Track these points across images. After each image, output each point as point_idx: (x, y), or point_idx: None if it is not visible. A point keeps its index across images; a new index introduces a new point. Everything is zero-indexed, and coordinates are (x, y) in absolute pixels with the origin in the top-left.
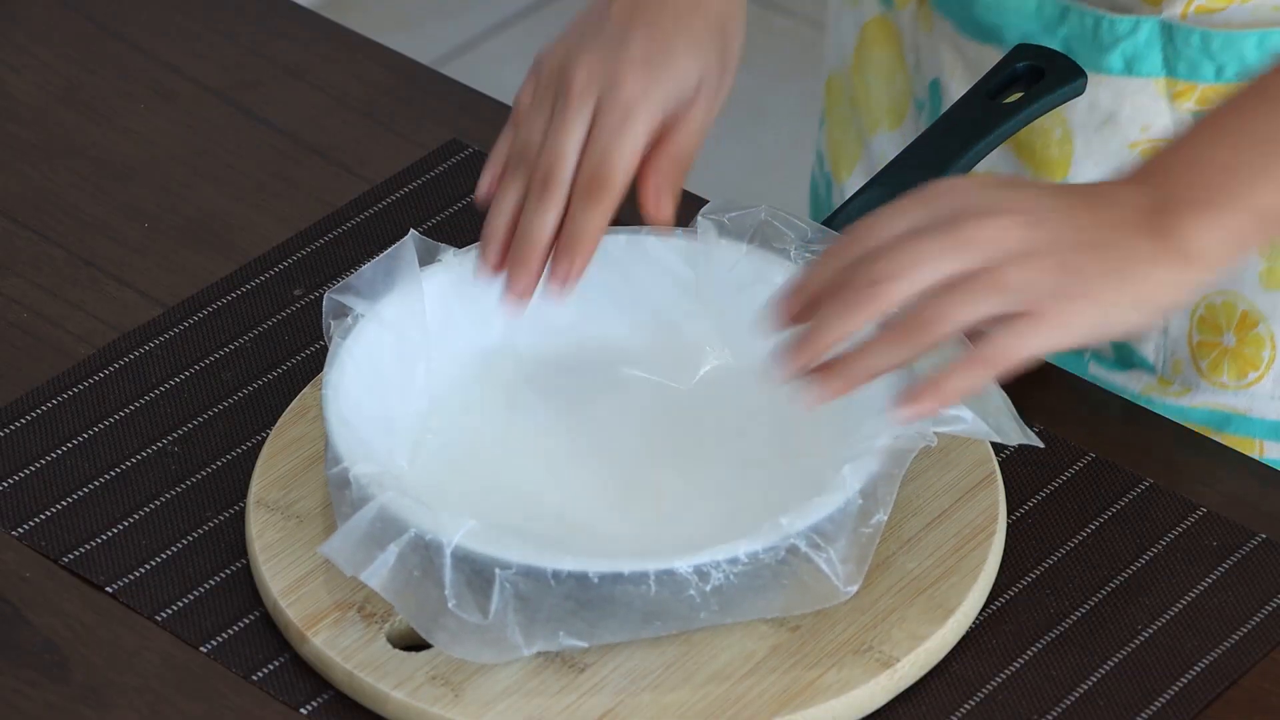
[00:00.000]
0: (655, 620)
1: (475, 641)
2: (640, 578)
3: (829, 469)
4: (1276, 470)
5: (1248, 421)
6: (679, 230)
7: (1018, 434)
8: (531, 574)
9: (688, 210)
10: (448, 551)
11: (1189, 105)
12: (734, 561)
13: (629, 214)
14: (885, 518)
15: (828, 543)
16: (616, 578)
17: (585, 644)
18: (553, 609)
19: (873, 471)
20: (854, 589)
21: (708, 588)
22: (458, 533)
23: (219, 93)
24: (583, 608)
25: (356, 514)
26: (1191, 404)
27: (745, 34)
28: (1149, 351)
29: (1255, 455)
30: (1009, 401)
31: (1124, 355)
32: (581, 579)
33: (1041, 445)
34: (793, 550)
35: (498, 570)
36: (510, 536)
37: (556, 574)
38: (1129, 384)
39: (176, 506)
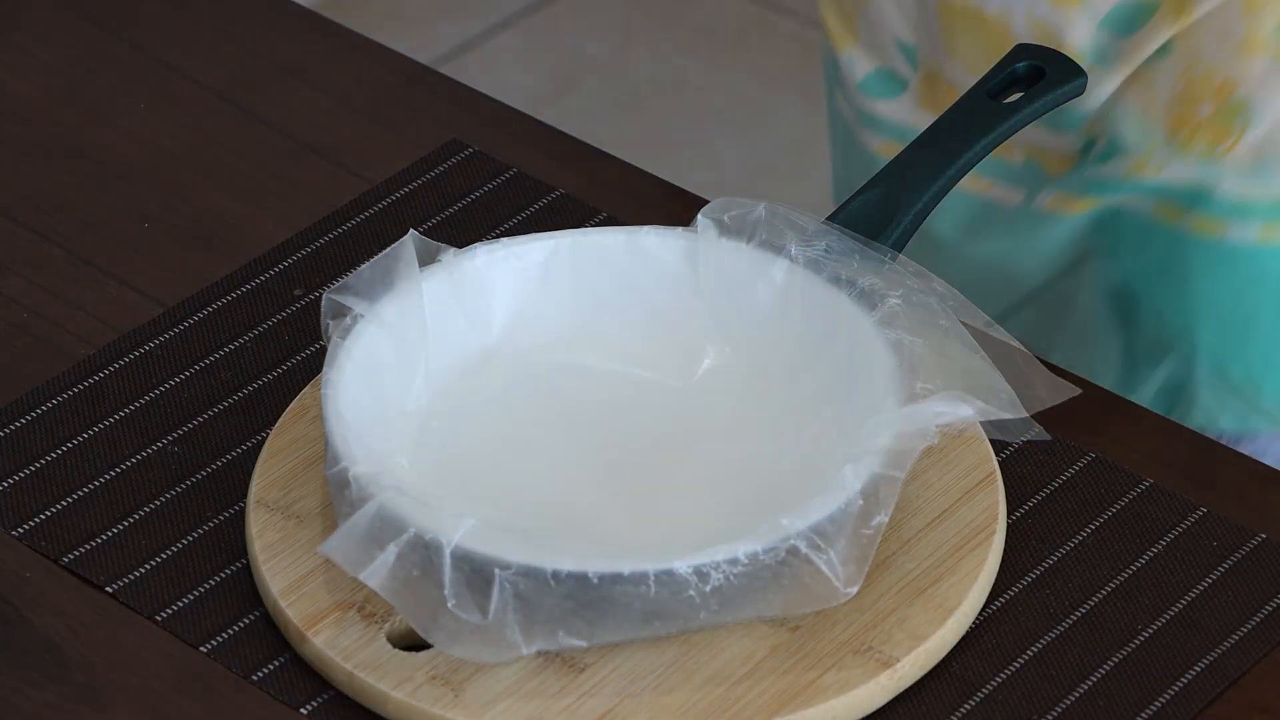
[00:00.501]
0: (655, 620)
1: (474, 641)
2: (640, 578)
3: (830, 469)
4: (1277, 470)
5: (1213, 202)
6: (679, 229)
7: (1044, 397)
8: (531, 574)
9: (688, 210)
10: (447, 551)
11: None
12: (734, 562)
13: (630, 213)
14: (886, 519)
15: (828, 544)
16: (616, 578)
17: (585, 643)
18: (552, 609)
19: (874, 472)
20: (854, 590)
21: (707, 588)
22: (457, 532)
23: (219, 93)
24: (582, 608)
25: (356, 513)
26: (1167, 179)
27: None
28: (1130, 130)
29: (1216, 238)
30: (1032, 360)
31: (1112, 146)
32: (581, 579)
33: (1078, 390)
34: (793, 551)
35: (497, 570)
36: (510, 536)
37: (556, 574)
38: (1109, 175)
39: (176, 506)
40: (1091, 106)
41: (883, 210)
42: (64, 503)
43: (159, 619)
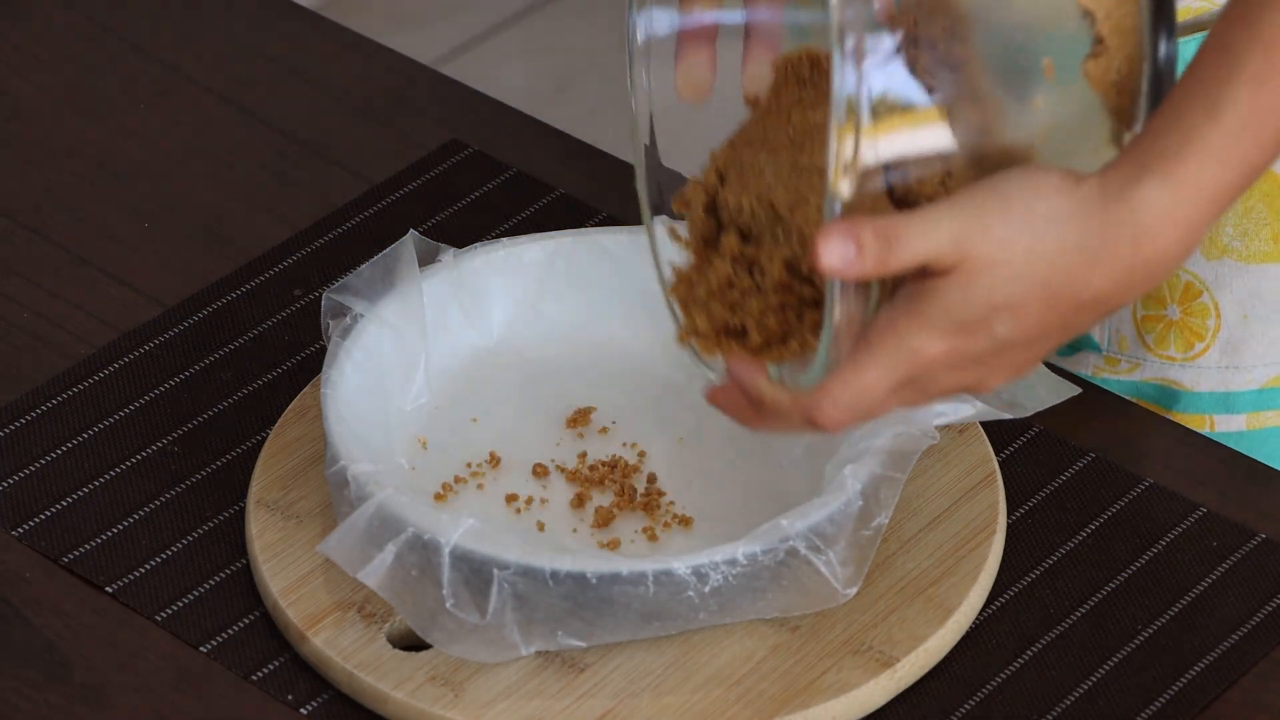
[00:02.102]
0: (654, 621)
1: (473, 641)
2: (639, 578)
3: (830, 470)
4: (1277, 470)
5: (1196, 397)
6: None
7: (1041, 398)
8: (529, 574)
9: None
10: (446, 551)
11: None
12: (732, 563)
13: (630, 214)
14: (886, 521)
15: (827, 545)
16: (615, 578)
17: (584, 644)
18: (551, 609)
19: (874, 473)
20: (853, 591)
21: (706, 589)
22: (456, 532)
23: (219, 93)
24: (581, 608)
25: (355, 512)
26: (1141, 378)
27: None
28: (1094, 331)
29: (1206, 431)
30: (1013, 392)
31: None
32: (579, 579)
33: (1079, 389)
34: (792, 552)
35: (495, 570)
36: (508, 536)
37: (555, 574)
38: (1077, 367)
39: (176, 506)
40: None
41: None
42: (64, 503)
43: (159, 619)
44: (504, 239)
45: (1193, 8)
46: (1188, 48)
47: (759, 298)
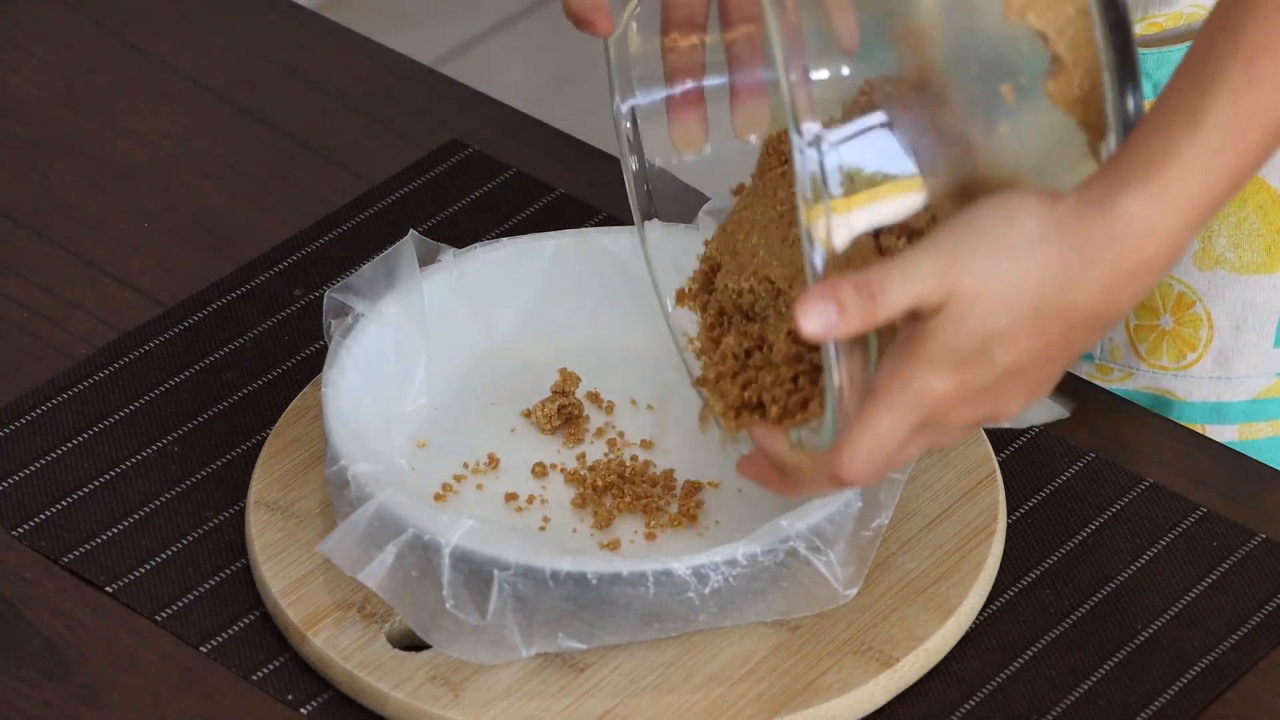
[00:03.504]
0: (654, 622)
1: (473, 642)
2: (639, 579)
3: None
4: (1277, 470)
5: (1188, 407)
6: (681, 225)
7: (1035, 415)
8: (530, 574)
9: (689, 207)
10: (446, 552)
11: None
12: (732, 563)
13: (629, 213)
14: (886, 521)
15: (827, 545)
16: (615, 578)
17: (584, 646)
18: (551, 610)
19: None
20: (853, 592)
21: (706, 590)
22: (456, 533)
23: (219, 93)
24: (581, 609)
25: (355, 513)
26: (1134, 388)
27: None
28: None
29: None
30: None
31: None
32: (580, 580)
33: (1067, 414)
34: (792, 553)
35: (496, 571)
36: (509, 536)
37: (555, 575)
38: (1070, 374)
39: (176, 506)
40: None
41: None
42: (64, 503)
43: (159, 619)
44: (504, 239)
45: (1184, 12)
46: (1175, 55)
47: (771, 371)
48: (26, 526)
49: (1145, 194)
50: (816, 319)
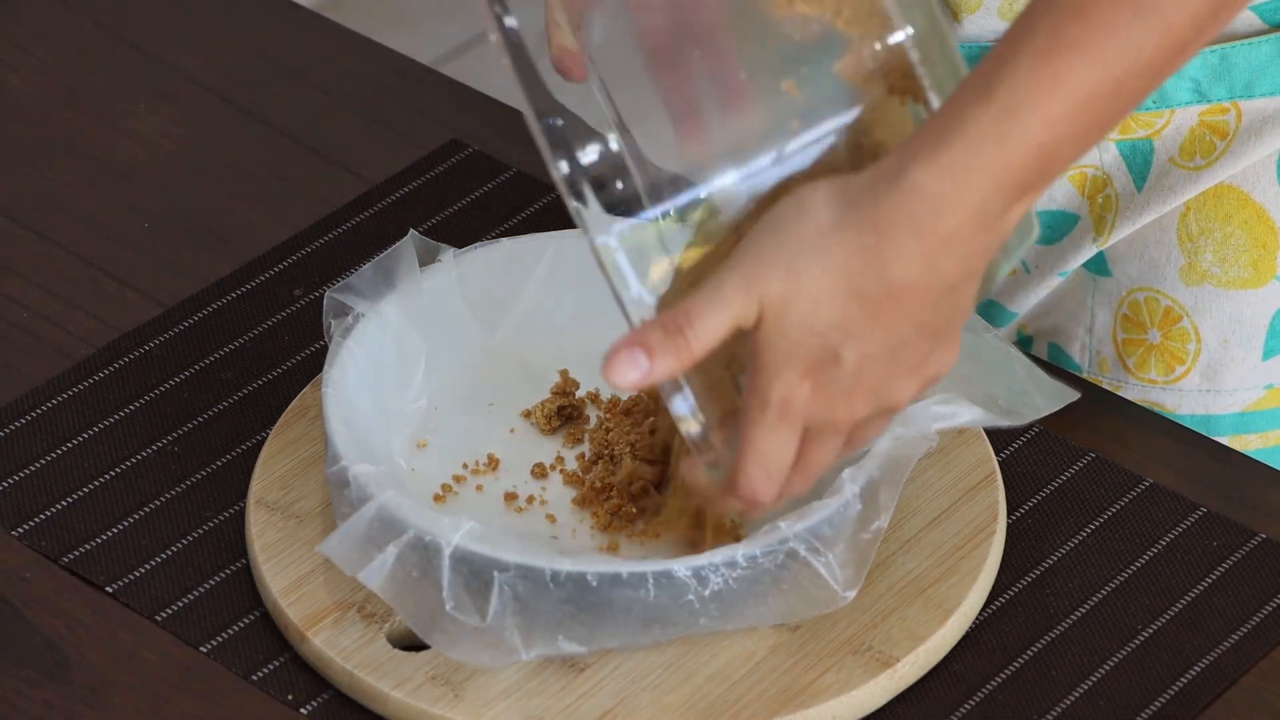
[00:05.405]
0: (655, 626)
1: (473, 645)
2: (639, 581)
3: (829, 473)
4: (1276, 470)
5: (1178, 420)
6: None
7: (1041, 405)
8: (529, 575)
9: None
10: (446, 553)
11: (1112, 135)
12: (732, 565)
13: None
14: (885, 525)
15: (826, 546)
16: (615, 580)
17: (585, 649)
18: (551, 613)
19: (872, 477)
20: (852, 594)
21: (706, 592)
22: (456, 534)
23: (219, 93)
24: (582, 611)
25: (356, 513)
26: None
27: None
28: (1075, 352)
29: None
30: (1033, 367)
31: (1052, 356)
32: (580, 581)
33: (1077, 395)
34: (791, 554)
35: (496, 572)
36: (509, 538)
37: (555, 576)
38: (1069, 374)
39: (176, 506)
40: (1025, 307)
41: None
42: (64, 503)
43: (159, 619)
44: (504, 239)
45: None
46: None
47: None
48: (26, 526)
49: (932, 166)
50: (627, 370)
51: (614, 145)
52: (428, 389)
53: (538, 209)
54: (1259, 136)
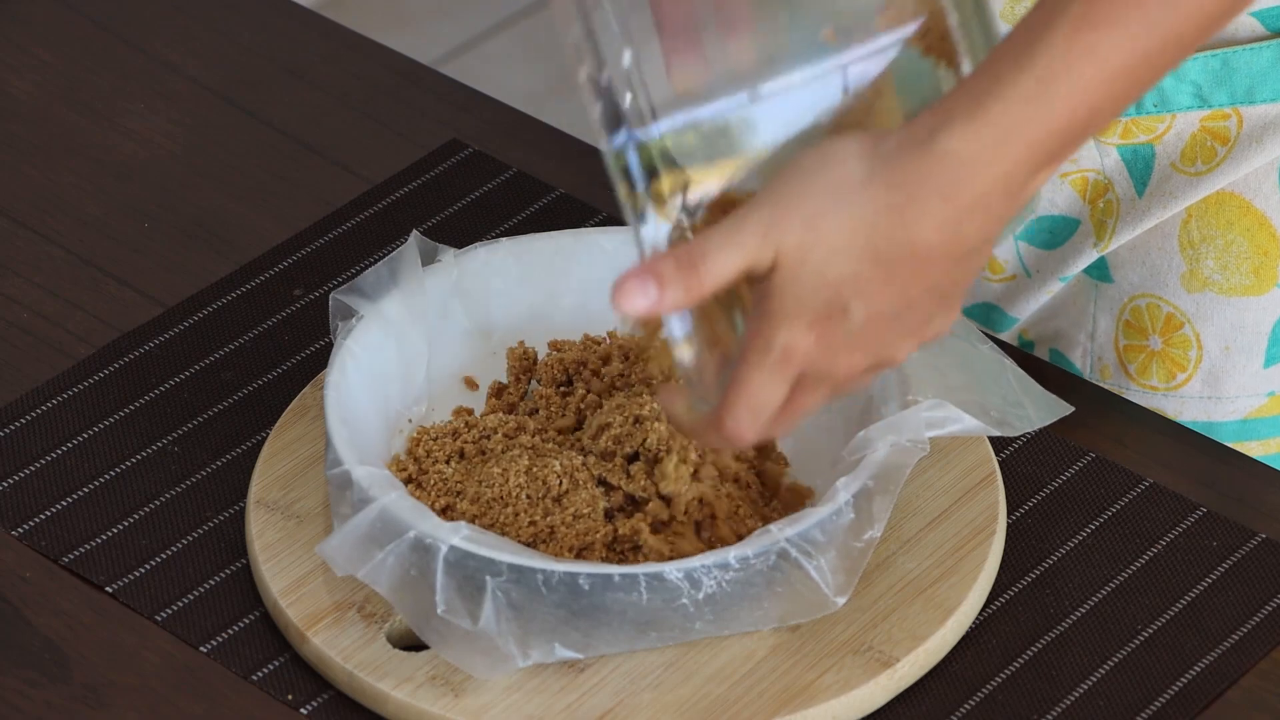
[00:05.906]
0: (650, 630)
1: (469, 651)
2: (630, 583)
3: (825, 479)
4: (1276, 470)
5: (1180, 424)
6: None
7: (1034, 417)
8: (522, 578)
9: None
10: (440, 557)
11: (1113, 140)
12: (724, 567)
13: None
14: (878, 535)
15: (818, 551)
16: (607, 582)
17: (581, 655)
18: (545, 618)
19: (866, 485)
20: (843, 600)
21: (700, 595)
22: (452, 538)
23: (219, 93)
24: (576, 616)
25: (356, 515)
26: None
27: None
28: (1076, 358)
29: None
30: (1026, 379)
31: (1054, 361)
32: (571, 584)
33: (1070, 409)
34: (783, 555)
35: (489, 577)
36: (503, 543)
37: (547, 579)
38: (1069, 374)
39: (176, 506)
40: (1026, 312)
41: None
42: (64, 503)
43: (159, 619)
44: (504, 239)
45: None
46: None
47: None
48: (26, 526)
49: (967, 130)
50: (636, 297)
51: (627, 61)
52: (428, 389)
53: (538, 209)
54: (1260, 143)
